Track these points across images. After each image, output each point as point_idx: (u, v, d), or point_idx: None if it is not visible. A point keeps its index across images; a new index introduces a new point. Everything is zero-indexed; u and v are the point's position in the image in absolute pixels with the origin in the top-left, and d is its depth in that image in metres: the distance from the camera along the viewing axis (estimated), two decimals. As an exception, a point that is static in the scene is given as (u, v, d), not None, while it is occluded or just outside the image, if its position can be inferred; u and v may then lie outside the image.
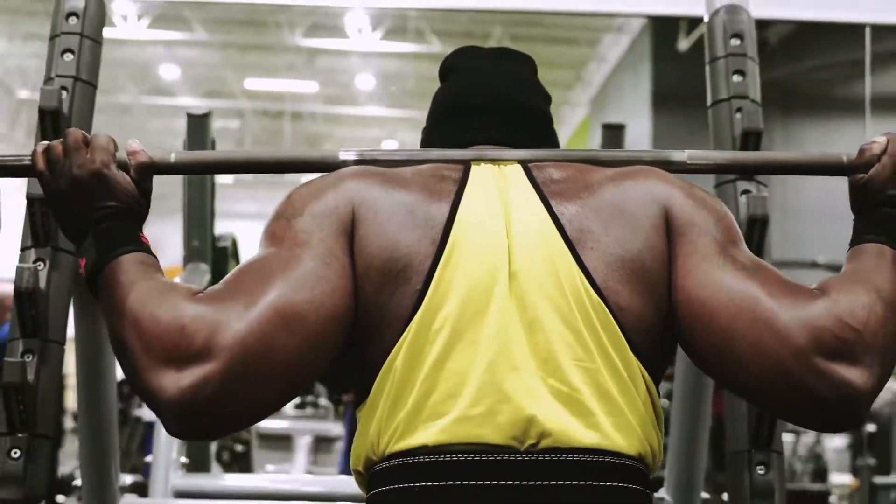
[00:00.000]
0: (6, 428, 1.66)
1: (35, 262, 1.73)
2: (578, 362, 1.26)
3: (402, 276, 1.28)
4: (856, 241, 1.34)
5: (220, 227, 3.25)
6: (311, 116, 16.86)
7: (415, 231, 1.29)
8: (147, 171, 1.34)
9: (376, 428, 1.27)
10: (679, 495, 2.13)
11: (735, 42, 1.85)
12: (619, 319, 1.28)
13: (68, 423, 7.63)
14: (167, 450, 2.82)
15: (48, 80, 1.82)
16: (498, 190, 1.34)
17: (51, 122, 1.74)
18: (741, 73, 1.83)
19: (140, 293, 1.23)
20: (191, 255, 3.03)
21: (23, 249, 1.74)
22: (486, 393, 1.24)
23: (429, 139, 1.52)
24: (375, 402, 1.28)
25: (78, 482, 2.29)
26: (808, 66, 10.17)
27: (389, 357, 1.27)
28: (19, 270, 1.68)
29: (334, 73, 14.82)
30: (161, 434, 2.92)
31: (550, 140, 1.51)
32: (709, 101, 1.86)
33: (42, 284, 1.71)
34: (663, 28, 10.46)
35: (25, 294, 1.66)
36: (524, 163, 1.39)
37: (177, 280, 2.76)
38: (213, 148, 2.99)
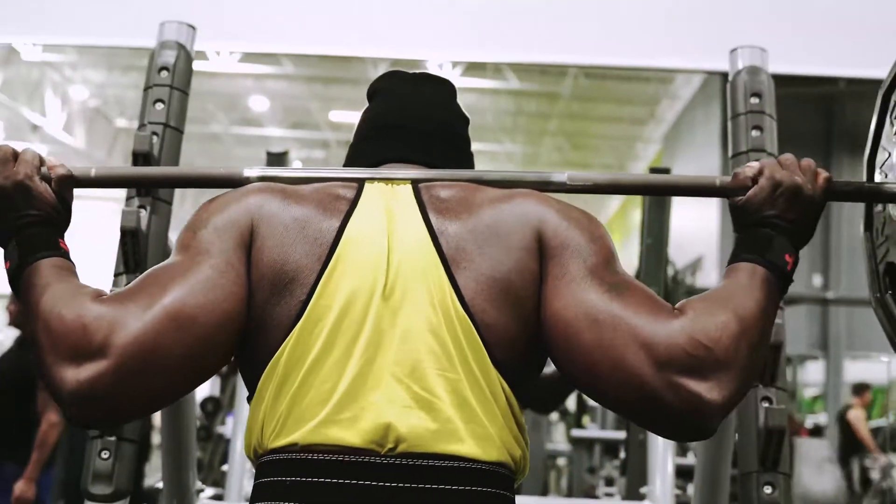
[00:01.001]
0: (98, 431, 1.80)
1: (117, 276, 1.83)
2: (441, 372, 1.30)
3: (288, 288, 1.32)
4: (732, 259, 1.36)
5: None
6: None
7: (304, 246, 1.33)
8: (66, 182, 1.38)
9: (261, 421, 1.32)
10: None
11: (754, 100, 1.92)
12: (483, 334, 1.31)
13: (155, 438, 7.82)
14: (242, 459, 2.95)
15: (141, 126, 1.94)
16: (385, 208, 1.38)
17: (142, 162, 1.88)
18: (759, 128, 1.90)
19: (51, 295, 1.28)
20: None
21: (116, 275, 1.86)
22: (352, 399, 1.28)
23: (350, 156, 1.55)
24: (260, 398, 1.33)
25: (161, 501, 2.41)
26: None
27: (272, 361, 1.32)
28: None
29: (415, 107, 14.94)
30: (237, 445, 3.04)
31: (463, 159, 1.55)
32: (730, 153, 1.93)
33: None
34: (734, 68, 10.46)
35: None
36: (415, 182, 1.41)
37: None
38: None
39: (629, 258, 4.05)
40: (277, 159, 3.04)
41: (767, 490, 1.76)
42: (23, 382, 5.03)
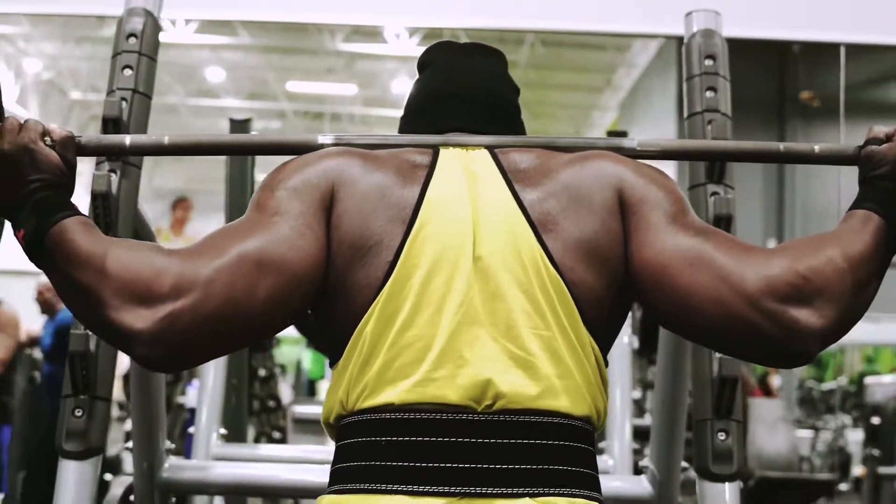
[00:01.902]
0: (71, 390, 1.83)
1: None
2: (535, 330, 1.31)
3: (372, 252, 1.32)
4: (853, 206, 1.36)
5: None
6: (350, 118, 16.79)
7: (387, 212, 1.34)
8: (69, 142, 1.36)
9: (346, 386, 1.33)
10: (661, 465, 2.26)
11: (709, 62, 1.96)
12: (574, 293, 1.33)
13: (114, 411, 7.82)
14: (208, 423, 2.98)
15: (110, 92, 1.95)
16: (465, 172, 1.39)
17: (112, 128, 1.89)
18: (713, 89, 1.95)
19: (102, 245, 1.28)
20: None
21: None
22: (448, 358, 1.29)
23: (405, 127, 1.56)
24: (346, 363, 1.33)
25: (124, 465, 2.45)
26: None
27: (360, 323, 1.32)
28: None
29: (372, 77, 14.82)
30: (203, 411, 3.08)
31: (518, 128, 1.55)
32: (685, 114, 1.97)
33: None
34: (690, 35, 10.49)
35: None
36: (490, 148, 1.43)
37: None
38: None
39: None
40: (240, 127, 3.05)
41: (721, 437, 1.82)
42: None
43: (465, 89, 1.54)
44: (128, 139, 1.50)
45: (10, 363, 5.51)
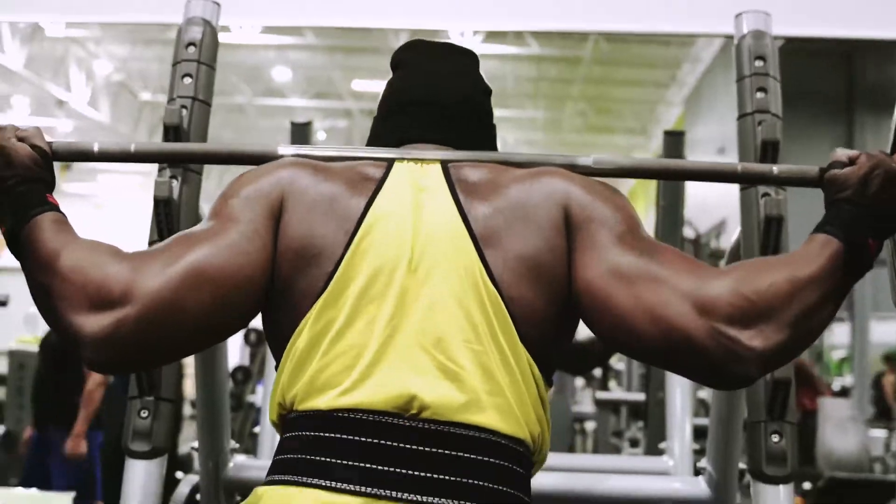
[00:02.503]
0: (136, 392, 1.86)
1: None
2: (467, 344, 1.31)
3: (314, 261, 1.35)
4: (816, 229, 1.34)
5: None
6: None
7: (332, 222, 1.36)
8: (37, 135, 1.40)
9: (284, 388, 1.36)
10: (718, 466, 2.25)
11: (759, 63, 1.95)
12: (512, 310, 1.33)
13: (187, 409, 7.95)
14: (272, 421, 3.04)
15: (171, 100, 1.98)
16: (413, 187, 1.39)
17: (173, 136, 1.92)
18: (764, 90, 1.94)
19: (65, 247, 1.31)
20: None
21: (150, 243, 1.88)
22: (377, 367, 1.30)
23: (374, 131, 1.57)
24: (284, 365, 1.36)
25: (195, 464, 2.48)
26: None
27: (297, 329, 1.35)
28: None
29: (437, 75, 14.94)
30: (267, 406, 3.12)
31: (484, 134, 1.57)
32: (737, 115, 1.96)
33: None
34: (755, 30, 10.39)
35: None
36: (444, 163, 1.43)
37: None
38: None
39: (651, 223, 4.10)
40: (301, 129, 3.08)
41: (775, 438, 1.82)
42: (63, 347, 5.16)
43: (433, 95, 1.55)
44: (96, 145, 1.54)
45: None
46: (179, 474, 5.07)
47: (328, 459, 1.30)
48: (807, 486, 5.51)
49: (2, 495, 2.73)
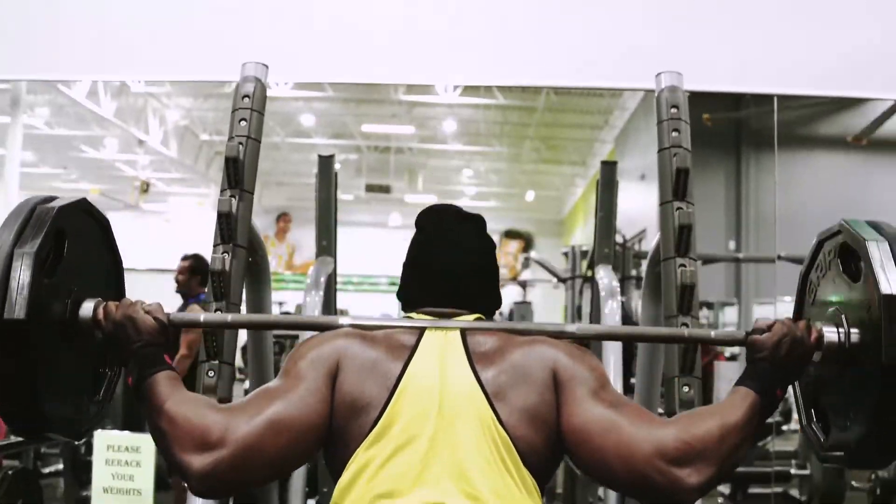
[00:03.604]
0: (205, 357, 1.85)
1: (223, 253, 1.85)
2: (483, 474, 1.32)
3: (363, 410, 1.36)
4: (738, 381, 1.39)
5: (342, 231, 3.19)
6: (409, 150, 16.83)
7: (377, 380, 1.38)
8: (158, 310, 1.44)
9: (341, 496, 1.35)
10: None
11: (674, 110, 1.97)
12: (518, 447, 1.35)
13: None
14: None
15: (230, 138, 1.98)
16: (439, 352, 1.41)
17: (233, 166, 1.92)
18: (677, 130, 1.95)
19: (175, 400, 1.35)
20: (320, 251, 3.04)
21: (215, 245, 1.88)
22: (416, 490, 1.30)
23: (405, 292, 1.59)
24: (341, 486, 1.36)
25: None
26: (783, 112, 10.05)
27: (350, 461, 1.35)
28: (213, 260, 1.83)
29: (426, 119, 14.83)
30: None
31: (492, 288, 1.59)
32: (658, 149, 1.97)
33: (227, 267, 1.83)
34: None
35: (215, 273, 1.84)
36: (462, 331, 1.46)
37: (310, 269, 2.95)
38: (335, 180, 3.05)
39: (590, 232, 4.12)
40: (327, 161, 3.05)
41: (685, 389, 1.82)
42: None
43: (452, 265, 1.56)
44: (202, 316, 1.58)
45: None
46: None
47: None
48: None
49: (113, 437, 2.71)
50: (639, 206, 10.81)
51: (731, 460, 1.33)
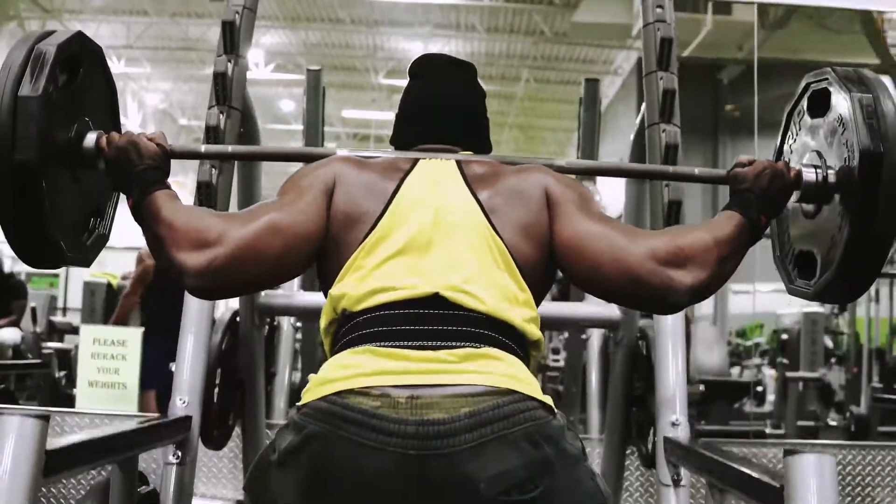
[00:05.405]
0: None
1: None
2: (480, 269, 1.37)
3: (359, 221, 1.41)
4: (724, 208, 1.43)
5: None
6: (388, 137, 16.88)
7: (371, 197, 1.42)
8: (160, 137, 1.47)
9: (341, 301, 1.37)
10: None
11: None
12: (514, 256, 1.40)
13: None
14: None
15: (211, 106, 1.99)
16: (433, 175, 1.46)
17: (229, 30, 1.95)
18: (661, 6, 2.03)
19: (174, 208, 1.37)
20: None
21: (210, 106, 1.94)
22: (410, 280, 1.35)
23: (397, 131, 1.63)
24: (337, 287, 1.39)
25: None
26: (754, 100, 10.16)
27: (345, 265, 1.39)
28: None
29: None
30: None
31: (482, 131, 1.63)
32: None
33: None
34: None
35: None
36: (458, 161, 1.50)
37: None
38: (323, 96, 3.02)
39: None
40: (315, 75, 3.10)
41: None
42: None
43: (443, 100, 1.60)
44: (203, 147, 1.60)
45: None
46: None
47: (382, 328, 1.33)
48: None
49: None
50: (616, 194, 10.86)
51: (721, 270, 1.37)
